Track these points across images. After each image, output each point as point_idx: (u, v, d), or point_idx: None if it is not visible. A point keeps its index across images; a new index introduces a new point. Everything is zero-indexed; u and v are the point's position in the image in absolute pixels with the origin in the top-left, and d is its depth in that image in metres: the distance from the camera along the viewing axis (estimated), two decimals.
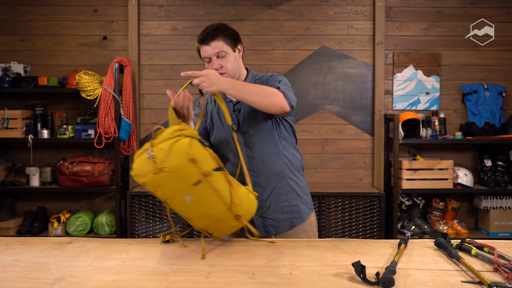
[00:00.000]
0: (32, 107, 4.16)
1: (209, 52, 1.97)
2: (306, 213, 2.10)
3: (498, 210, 4.02)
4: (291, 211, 2.07)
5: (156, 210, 3.87)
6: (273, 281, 1.43)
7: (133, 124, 4.03)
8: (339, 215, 3.84)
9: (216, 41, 1.96)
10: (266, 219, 2.04)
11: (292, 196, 2.07)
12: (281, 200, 2.05)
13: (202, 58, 2.02)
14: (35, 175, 4.03)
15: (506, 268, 1.47)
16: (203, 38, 1.97)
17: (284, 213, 2.05)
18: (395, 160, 3.89)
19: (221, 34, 1.97)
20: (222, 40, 1.97)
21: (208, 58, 1.98)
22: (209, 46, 1.96)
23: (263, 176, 2.02)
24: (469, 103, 4.15)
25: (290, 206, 2.06)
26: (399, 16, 4.18)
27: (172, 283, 1.41)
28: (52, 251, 1.72)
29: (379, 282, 1.37)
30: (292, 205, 2.07)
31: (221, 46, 1.96)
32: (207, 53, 1.97)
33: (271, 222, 2.05)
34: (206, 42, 1.96)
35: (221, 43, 1.97)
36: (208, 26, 2.00)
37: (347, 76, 4.18)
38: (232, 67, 1.99)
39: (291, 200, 2.07)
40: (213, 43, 1.96)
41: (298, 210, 2.08)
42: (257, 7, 4.17)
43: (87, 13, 4.21)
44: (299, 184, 2.11)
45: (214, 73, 1.77)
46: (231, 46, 2.00)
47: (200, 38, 1.98)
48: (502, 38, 4.16)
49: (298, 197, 2.09)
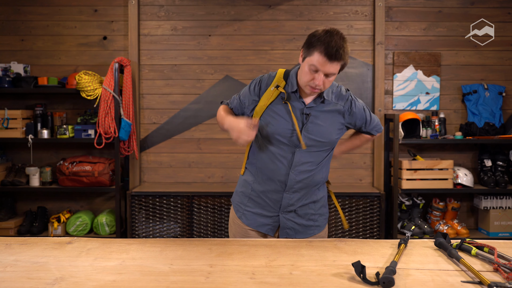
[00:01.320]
0: (32, 107, 4.16)
1: (325, 69, 1.82)
2: (325, 222, 2.17)
3: (498, 210, 4.02)
4: (315, 219, 2.10)
5: (156, 210, 3.87)
6: (273, 281, 1.43)
7: (133, 124, 4.03)
8: (339, 215, 3.84)
9: (339, 63, 1.83)
10: (291, 221, 2.07)
11: (318, 205, 2.11)
12: (309, 208, 2.08)
13: (306, 58, 1.85)
14: (35, 175, 4.03)
15: (506, 268, 1.47)
16: (330, 53, 1.79)
17: (309, 220, 2.09)
18: (395, 160, 3.89)
19: (344, 58, 1.82)
20: (341, 64, 1.85)
21: (317, 69, 1.83)
22: (330, 63, 1.81)
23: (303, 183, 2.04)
24: (469, 103, 4.15)
25: (315, 214, 2.10)
26: (399, 16, 4.18)
27: (172, 283, 1.41)
28: (52, 251, 1.72)
29: (379, 282, 1.37)
30: (317, 214, 2.11)
31: (336, 68, 1.84)
32: (322, 67, 1.82)
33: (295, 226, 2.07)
34: (330, 58, 1.80)
35: (339, 66, 1.84)
36: (335, 40, 1.79)
37: (347, 76, 4.18)
38: (328, 86, 1.91)
39: (317, 209, 2.11)
40: (336, 64, 1.82)
41: (320, 219, 2.13)
42: (257, 7, 4.17)
43: (87, 13, 4.21)
44: (324, 194, 2.16)
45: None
46: (340, 69, 1.90)
47: (326, 49, 1.79)
48: (502, 38, 4.16)
49: (322, 206, 2.14)
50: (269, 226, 2.07)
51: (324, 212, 2.15)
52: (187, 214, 3.85)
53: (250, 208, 2.09)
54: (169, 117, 4.19)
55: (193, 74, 4.17)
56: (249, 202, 2.10)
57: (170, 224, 3.87)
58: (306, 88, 1.91)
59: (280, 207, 2.05)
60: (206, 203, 3.83)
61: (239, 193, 2.15)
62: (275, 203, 2.05)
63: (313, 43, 1.83)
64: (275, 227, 2.07)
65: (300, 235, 2.08)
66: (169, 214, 3.87)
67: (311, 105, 1.99)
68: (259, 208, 2.08)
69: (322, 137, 1.99)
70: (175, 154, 4.23)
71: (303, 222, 2.08)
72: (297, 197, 2.04)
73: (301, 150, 1.98)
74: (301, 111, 1.99)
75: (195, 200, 3.84)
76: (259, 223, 2.07)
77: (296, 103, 1.99)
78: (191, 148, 4.22)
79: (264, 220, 2.07)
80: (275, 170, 2.01)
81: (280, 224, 2.06)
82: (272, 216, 2.07)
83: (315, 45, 1.81)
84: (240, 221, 2.12)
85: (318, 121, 1.99)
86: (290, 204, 2.04)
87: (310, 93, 1.93)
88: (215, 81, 4.15)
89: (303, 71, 1.89)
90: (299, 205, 2.06)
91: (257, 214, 2.08)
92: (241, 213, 2.11)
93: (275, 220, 2.07)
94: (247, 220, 2.09)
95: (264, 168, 2.04)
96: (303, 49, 1.89)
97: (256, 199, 2.08)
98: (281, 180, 2.01)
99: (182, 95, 4.15)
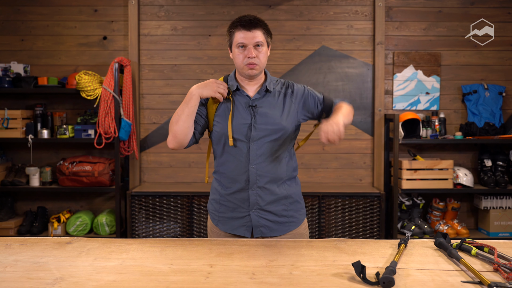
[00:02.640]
0: (32, 107, 4.16)
1: (249, 39, 1.92)
2: (302, 217, 2.13)
3: (498, 210, 4.02)
4: (288, 215, 2.08)
5: (156, 210, 3.87)
6: (273, 281, 1.43)
7: (133, 124, 4.03)
8: (339, 215, 3.85)
9: (258, 30, 1.93)
10: (263, 219, 2.05)
11: (290, 201, 2.08)
12: (280, 204, 2.06)
13: (232, 43, 1.98)
14: (35, 175, 4.03)
15: (506, 268, 1.47)
16: (245, 23, 1.92)
17: (282, 216, 2.06)
18: (395, 160, 3.89)
19: (263, 25, 1.96)
20: (263, 31, 1.95)
21: (244, 44, 1.93)
22: (251, 32, 1.92)
23: (266, 177, 2.02)
24: (469, 103, 4.15)
25: (288, 210, 2.07)
26: (399, 16, 4.18)
27: (172, 283, 1.41)
28: (52, 251, 1.72)
29: (379, 282, 1.37)
30: (290, 210, 2.08)
31: (261, 36, 1.94)
32: (246, 40, 1.93)
33: (268, 223, 2.05)
34: (248, 28, 1.92)
35: (261, 33, 1.95)
36: (245, 15, 1.97)
37: (347, 76, 4.18)
38: (264, 61, 1.99)
39: (289, 205, 2.08)
40: (255, 31, 1.93)
41: (295, 215, 2.10)
42: (257, 7, 4.17)
43: (87, 13, 4.21)
44: (296, 190, 2.13)
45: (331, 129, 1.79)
46: (267, 40, 1.99)
47: (240, 23, 1.93)
48: (502, 38, 4.16)
49: (295, 202, 2.10)
50: (243, 227, 2.05)
51: (298, 208, 2.12)
52: (187, 214, 3.85)
53: (223, 214, 2.09)
54: (169, 117, 4.19)
55: (193, 74, 4.17)
56: (221, 208, 2.09)
57: (170, 224, 3.87)
58: (244, 69, 1.97)
59: (249, 205, 2.04)
60: (206, 203, 3.83)
61: (211, 200, 2.16)
62: (243, 202, 2.04)
63: (230, 27, 1.98)
64: (250, 227, 2.05)
65: (275, 233, 2.05)
66: (169, 214, 3.87)
67: (255, 97, 2.02)
68: (231, 211, 2.07)
69: (273, 124, 1.99)
70: (175, 154, 4.23)
71: (275, 219, 2.05)
72: (263, 193, 2.02)
73: (255, 143, 1.99)
74: (246, 104, 2.01)
75: (195, 200, 3.84)
76: (233, 226, 2.07)
77: (240, 97, 2.02)
78: (191, 148, 4.20)
79: (238, 222, 2.06)
80: (235, 169, 2.01)
81: (253, 222, 2.04)
82: (244, 216, 2.05)
83: (232, 27, 1.97)
84: (217, 228, 2.12)
85: (266, 110, 2.01)
86: (257, 201, 2.03)
87: (251, 73, 1.97)
88: None
89: (235, 57, 1.98)
90: (267, 201, 2.04)
91: (230, 218, 2.08)
92: (217, 220, 2.11)
93: (248, 219, 2.05)
94: (223, 226, 2.09)
95: (226, 170, 2.04)
96: (228, 41, 2.02)
97: (226, 204, 2.08)
98: (243, 178, 2.01)
99: (182, 95, 4.15)
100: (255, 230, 2.05)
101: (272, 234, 2.05)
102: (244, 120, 1.99)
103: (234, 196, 2.05)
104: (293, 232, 2.09)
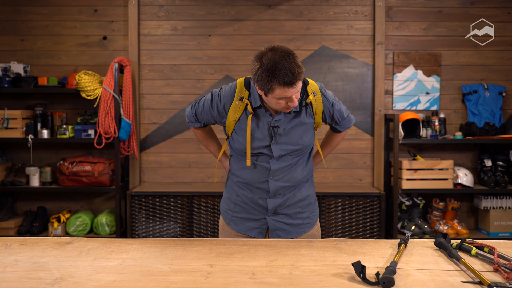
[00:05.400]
0: (32, 107, 4.16)
1: (291, 92, 1.79)
2: (315, 218, 2.16)
3: (498, 210, 4.02)
4: (304, 217, 2.10)
5: (156, 210, 3.87)
6: (273, 281, 1.43)
7: (133, 124, 4.03)
8: (339, 215, 3.84)
9: (299, 81, 1.79)
10: (280, 223, 2.06)
11: (306, 203, 2.10)
12: (297, 206, 2.08)
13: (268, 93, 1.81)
14: (35, 175, 4.03)
15: (506, 268, 1.47)
16: (290, 81, 1.75)
17: (298, 218, 2.09)
18: (395, 160, 3.89)
19: (301, 73, 1.79)
20: (302, 79, 1.83)
21: (285, 97, 1.81)
22: (295, 87, 1.78)
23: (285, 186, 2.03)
24: (469, 103, 4.15)
25: (303, 212, 2.09)
26: (399, 16, 4.18)
27: (172, 283, 1.41)
28: (52, 251, 1.72)
29: (379, 282, 1.37)
30: (305, 211, 2.10)
31: (300, 84, 1.81)
32: (289, 93, 1.79)
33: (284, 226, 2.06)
34: (293, 84, 1.76)
35: (301, 81, 1.82)
36: (283, 61, 1.74)
37: (347, 76, 4.17)
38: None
39: (305, 206, 2.10)
40: (298, 83, 1.78)
41: (310, 216, 2.12)
42: (257, 7, 4.17)
43: (87, 13, 4.21)
44: (311, 191, 2.15)
45: None
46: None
47: (285, 80, 1.74)
48: (502, 38, 4.16)
49: (310, 203, 2.12)
50: (257, 229, 2.07)
51: (313, 209, 2.14)
52: (187, 214, 3.85)
53: (237, 214, 2.10)
54: (169, 117, 4.19)
55: (193, 74, 4.17)
56: (236, 208, 2.10)
57: (170, 224, 3.87)
58: (281, 110, 1.90)
59: (266, 211, 2.06)
60: (206, 203, 3.83)
61: (226, 199, 2.16)
62: (261, 207, 2.06)
63: (267, 81, 1.77)
64: (264, 229, 2.07)
65: (291, 235, 2.07)
66: (169, 214, 3.87)
67: (278, 118, 1.96)
68: (246, 213, 2.08)
69: (294, 144, 1.99)
70: (175, 154, 4.23)
71: (292, 221, 2.07)
72: (282, 199, 2.04)
73: (274, 159, 1.99)
74: (268, 124, 1.97)
75: (195, 200, 3.84)
76: (247, 227, 2.08)
77: (263, 115, 1.97)
78: (191, 148, 4.22)
79: (252, 224, 2.08)
80: (254, 178, 2.02)
81: (269, 226, 2.06)
82: (260, 219, 2.07)
83: (271, 81, 1.76)
84: (229, 227, 2.12)
85: (288, 131, 1.97)
86: (276, 207, 2.05)
87: (286, 111, 1.93)
88: (215, 81, 4.15)
89: (272, 103, 1.86)
90: (285, 206, 2.06)
91: (245, 219, 2.09)
92: (229, 219, 2.12)
93: (263, 223, 2.07)
94: (236, 226, 2.10)
95: (245, 177, 2.05)
96: (257, 84, 1.82)
97: (242, 205, 2.09)
98: (262, 186, 2.02)
99: (182, 95, 4.15)
100: (271, 233, 2.07)
101: (287, 236, 2.08)
102: (264, 142, 1.97)
103: (251, 200, 2.07)
104: (307, 234, 2.11)
